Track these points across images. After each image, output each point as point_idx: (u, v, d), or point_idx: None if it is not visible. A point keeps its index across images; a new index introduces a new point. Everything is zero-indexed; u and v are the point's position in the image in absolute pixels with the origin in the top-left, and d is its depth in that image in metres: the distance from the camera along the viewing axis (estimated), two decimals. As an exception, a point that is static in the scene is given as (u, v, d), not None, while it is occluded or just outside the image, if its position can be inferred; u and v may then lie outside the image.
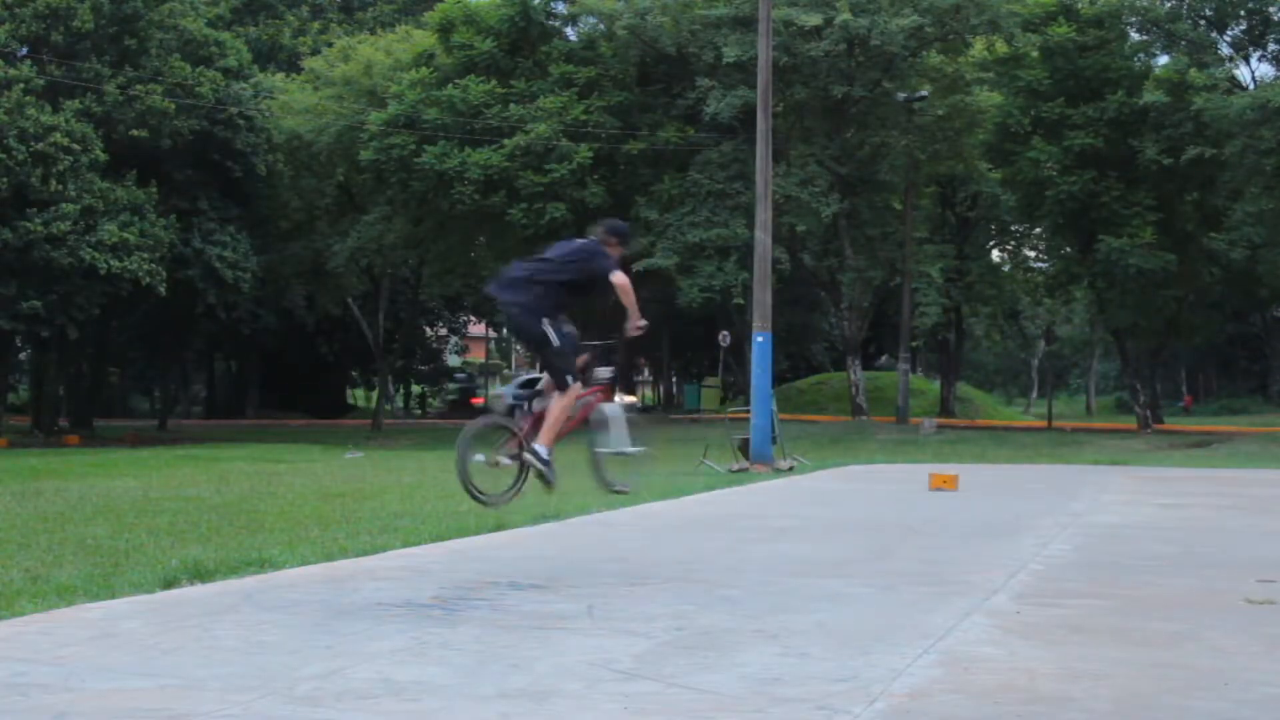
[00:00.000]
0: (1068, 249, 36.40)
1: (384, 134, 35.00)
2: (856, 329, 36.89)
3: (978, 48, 37.03)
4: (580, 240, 8.15)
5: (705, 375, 56.25)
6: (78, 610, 6.38)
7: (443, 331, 67.23)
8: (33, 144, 31.08)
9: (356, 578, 7.59)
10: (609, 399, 7.96)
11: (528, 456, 7.62)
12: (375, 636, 5.81)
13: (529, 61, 36.69)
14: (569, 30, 40.04)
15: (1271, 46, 34.16)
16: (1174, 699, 4.81)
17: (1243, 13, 33.33)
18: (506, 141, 33.77)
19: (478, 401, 56.01)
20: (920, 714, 4.53)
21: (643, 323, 7.82)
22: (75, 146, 31.71)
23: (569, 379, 7.58)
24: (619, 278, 7.60)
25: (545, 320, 7.56)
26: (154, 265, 32.65)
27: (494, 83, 35.37)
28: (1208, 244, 33.73)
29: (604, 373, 7.91)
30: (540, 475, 7.63)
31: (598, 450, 8.04)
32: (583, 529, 10.69)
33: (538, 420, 7.71)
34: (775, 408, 20.15)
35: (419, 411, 65.35)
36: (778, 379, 35.35)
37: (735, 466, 18.94)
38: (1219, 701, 4.78)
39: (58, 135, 31.32)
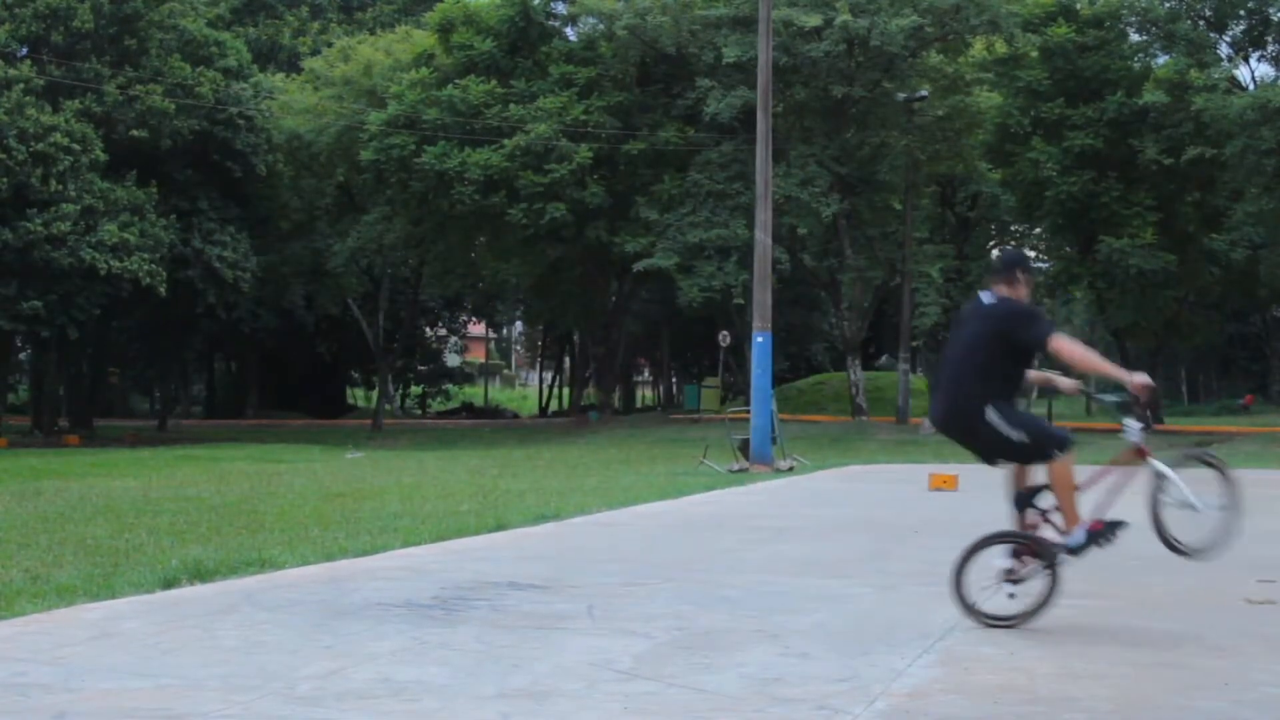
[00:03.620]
0: (1068, 249, 36.40)
1: (384, 134, 35.00)
2: (856, 329, 36.89)
3: (977, 48, 37.00)
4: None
5: (705, 375, 56.23)
6: (78, 610, 6.38)
7: (442, 332, 67.25)
8: (33, 144, 31.07)
9: (356, 578, 7.59)
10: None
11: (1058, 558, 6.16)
12: (375, 636, 5.81)
13: (529, 61, 36.69)
14: (569, 30, 40.05)
15: (1271, 47, 34.16)
16: (1174, 699, 4.81)
17: (1243, 13, 33.33)
18: (506, 141, 33.76)
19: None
20: (920, 714, 4.53)
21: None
22: (75, 146, 31.70)
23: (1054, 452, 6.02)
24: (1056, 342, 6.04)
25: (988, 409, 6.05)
26: (154, 265, 32.64)
27: (494, 83, 35.37)
28: (1208, 244, 33.74)
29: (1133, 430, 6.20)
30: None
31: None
32: (583, 529, 10.69)
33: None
34: (775, 408, 20.14)
35: (419, 411, 65.34)
36: (778, 379, 35.28)
37: (735, 466, 18.93)
38: (1219, 701, 4.78)
39: (58, 135, 31.31)
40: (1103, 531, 6.09)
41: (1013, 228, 44.22)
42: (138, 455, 25.39)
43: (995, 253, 6.15)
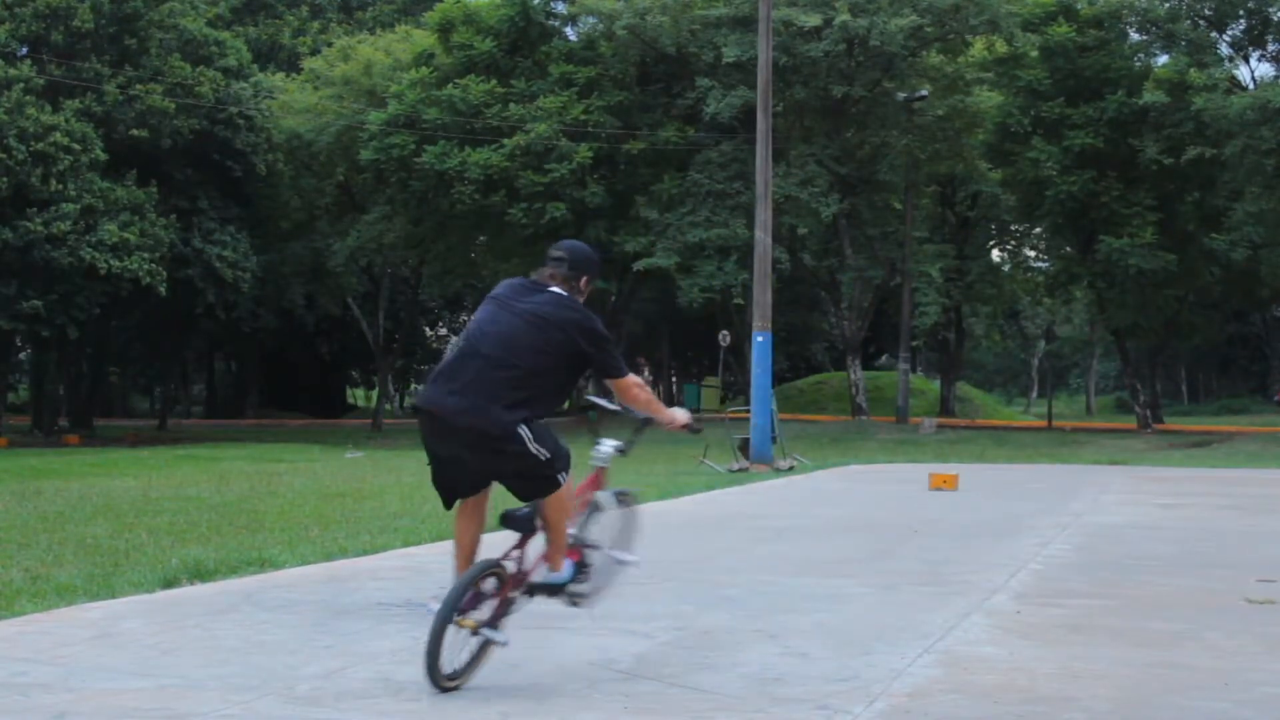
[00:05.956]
0: (1068, 249, 36.39)
1: (384, 134, 34.99)
2: (856, 329, 36.90)
3: (977, 48, 37.01)
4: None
5: (705, 375, 56.24)
6: (78, 610, 6.38)
7: (443, 331, 67.25)
8: (33, 144, 31.06)
9: (356, 578, 7.59)
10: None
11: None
12: (375, 636, 5.81)
13: (529, 61, 36.68)
14: (569, 30, 40.04)
15: (1271, 46, 34.14)
16: (1174, 699, 4.81)
17: (1242, 13, 33.30)
18: (506, 141, 33.76)
19: None
20: (920, 714, 4.53)
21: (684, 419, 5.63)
22: (75, 146, 31.68)
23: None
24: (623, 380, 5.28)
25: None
26: (154, 265, 32.62)
27: (494, 83, 35.36)
28: (1208, 244, 33.71)
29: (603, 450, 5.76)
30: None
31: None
32: (583, 529, 10.67)
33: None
34: (775, 407, 20.15)
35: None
36: (778, 379, 35.31)
37: (735, 466, 18.93)
38: (1219, 701, 4.78)
39: (58, 135, 31.29)
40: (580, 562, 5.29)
41: (1013, 227, 44.24)
42: (138, 455, 25.38)
43: (571, 245, 5.01)
